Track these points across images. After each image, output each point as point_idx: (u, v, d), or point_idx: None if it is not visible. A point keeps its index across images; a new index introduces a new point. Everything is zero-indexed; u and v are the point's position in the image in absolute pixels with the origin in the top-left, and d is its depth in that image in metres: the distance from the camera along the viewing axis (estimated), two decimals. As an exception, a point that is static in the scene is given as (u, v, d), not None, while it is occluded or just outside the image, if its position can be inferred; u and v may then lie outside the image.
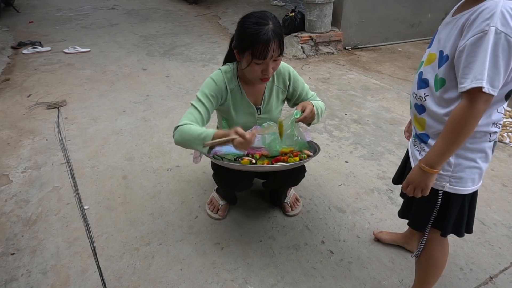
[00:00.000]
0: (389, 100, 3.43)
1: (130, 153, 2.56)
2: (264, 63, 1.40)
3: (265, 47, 1.35)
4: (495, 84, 0.95)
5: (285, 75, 1.68)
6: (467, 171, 1.15)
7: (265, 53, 1.36)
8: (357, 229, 1.89)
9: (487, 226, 1.92)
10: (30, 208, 2.05)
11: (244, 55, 1.42)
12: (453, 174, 1.16)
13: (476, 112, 0.99)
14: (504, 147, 2.66)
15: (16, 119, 3.05)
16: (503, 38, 0.92)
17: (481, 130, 1.10)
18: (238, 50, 1.45)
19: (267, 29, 1.35)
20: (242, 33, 1.39)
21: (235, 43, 1.46)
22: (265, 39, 1.34)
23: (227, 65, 1.62)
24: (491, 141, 1.13)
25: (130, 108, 3.24)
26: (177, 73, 4.11)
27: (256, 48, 1.35)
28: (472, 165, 1.14)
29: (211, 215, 1.96)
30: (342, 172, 2.35)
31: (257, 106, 1.67)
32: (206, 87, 1.56)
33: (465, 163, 1.14)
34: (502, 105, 1.09)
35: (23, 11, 7.15)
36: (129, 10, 7.48)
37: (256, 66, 1.41)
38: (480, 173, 1.17)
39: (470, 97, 0.98)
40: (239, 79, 1.61)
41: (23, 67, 4.29)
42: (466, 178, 1.15)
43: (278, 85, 1.68)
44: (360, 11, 4.82)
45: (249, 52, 1.38)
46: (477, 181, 1.18)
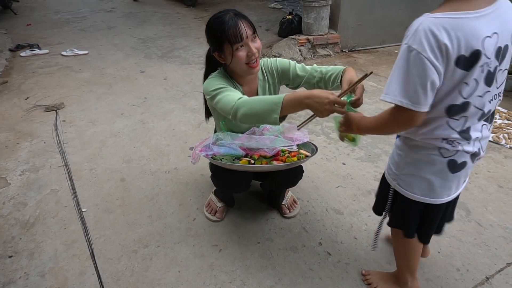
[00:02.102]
0: (386, 102, 3.44)
1: (128, 156, 2.57)
2: (244, 45, 1.42)
3: (236, 28, 1.39)
4: (416, 100, 0.97)
5: (271, 66, 1.69)
6: (414, 179, 1.19)
7: (240, 33, 1.39)
8: (354, 231, 1.90)
9: (483, 227, 1.93)
10: (28, 210, 2.05)
11: (224, 50, 1.44)
12: (401, 177, 1.23)
13: (396, 122, 1.06)
14: (500, 149, 2.68)
15: (14, 121, 3.05)
16: (414, 55, 0.93)
17: (427, 144, 1.12)
18: (216, 50, 1.47)
19: (229, 15, 1.41)
20: (212, 31, 1.44)
21: (212, 47, 1.51)
22: (233, 22, 1.39)
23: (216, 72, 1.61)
24: (445, 157, 1.12)
25: (128, 111, 3.25)
26: (175, 75, 4.12)
27: (230, 34, 1.38)
28: (419, 175, 1.18)
29: (209, 217, 1.97)
30: (340, 174, 2.36)
31: None
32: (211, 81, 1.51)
33: (412, 170, 1.19)
34: (449, 121, 1.07)
35: (21, 14, 7.16)
36: (127, 12, 7.50)
37: (239, 53, 1.42)
38: (430, 187, 1.18)
39: (395, 108, 1.04)
40: (234, 79, 1.61)
41: (21, 69, 4.29)
42: (413, 186, 1.21)
43: (268, 80, 1.69)
44: (357, 14, 4.85)
45: (226, 42, 1.41)
46: (427, 194, 1.20)
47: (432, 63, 0.92)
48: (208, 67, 1.66)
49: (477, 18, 0.92)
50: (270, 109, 1.23)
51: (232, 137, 1.63)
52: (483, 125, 1.12)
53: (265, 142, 1.59)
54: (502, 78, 1.07)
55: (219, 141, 1.59)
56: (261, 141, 1.59)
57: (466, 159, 1.14)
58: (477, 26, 0.92)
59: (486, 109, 1.07)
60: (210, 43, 1.51)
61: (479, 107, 1.05)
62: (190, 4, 8.09)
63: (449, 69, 0.95)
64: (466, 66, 0.95)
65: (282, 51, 4.73)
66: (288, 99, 1.20)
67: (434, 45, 0.91)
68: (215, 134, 1.67)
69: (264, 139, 1.60)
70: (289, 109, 1.22)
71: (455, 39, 0.91)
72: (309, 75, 1.62)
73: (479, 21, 0.92)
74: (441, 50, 0.91)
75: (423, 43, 0.92)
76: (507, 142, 2.75)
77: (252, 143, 1.57)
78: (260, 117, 1.26)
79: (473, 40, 0.92)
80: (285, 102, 1.20)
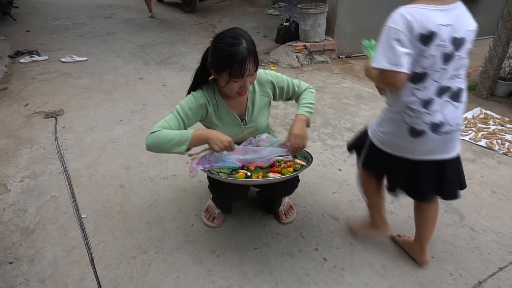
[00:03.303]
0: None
1: (127, 162, 2.60)
2: (241, 80, 1.46)
3: (241, 67, 1.41)
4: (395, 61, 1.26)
5: (268, 83, 1.72)
6: (386, 136, 1.50)
7: (243, 72, 1.42)
8: (350, 236, 1.93)
9: (476, 232, 1.97)
10: (28, 217, 2.07)
11: (221, 75, 1.47)
12: (378, 132, 1.54)
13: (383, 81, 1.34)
14: (494, 154, 2.72)
15: (13, 128, 3.08)
16: (389, 29, 1.27)
17: (397, 108, 1.42)
18: (215, 70, 1.49)
19: (242, 48, 1.40)
20: (218, 55, 1.43)
21: (211, 63, 1.50)
22: (241, 59, 1.40)
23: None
24: (406, 123, 1.40)
25: (127, 117, 3.28)
26: (174, 82, 4.16)
27: (234, 69, 1.41)
28: (390, 133, 1.48)
29: (207, 223, 2.00)
30: (336, 180, 2.40)
31: (242, 117, 1.71)
32: (185, 102, 1.59)
33: (386, 129, 1.50)
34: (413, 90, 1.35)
35: (20, 20, 7.20)
36: (125, 19, 7.55)
37: (234, 84, 1.47)
38: (397, 144, 1.48)
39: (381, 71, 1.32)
40: (220, 94, 1.64)
41: (21, 76, 4.32)
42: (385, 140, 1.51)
43: (261, 93, 1.72)
44: (353, 21, 4.91)
45: (227, 72, 1.43)
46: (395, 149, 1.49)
47: (403, 32, 1.25)
48: (195, 82, 1.65)
49: (436, 11, 1.27)
50: (179, 142, 1.46)
51: None
52: (446, 101, 1.36)
53: (261, 154, 1.62)
54: (460, 64, 1.35)
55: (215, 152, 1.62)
56: (258, 153, 1.62)
57: (425, 129, 1.38)
58: (435, 15, 1.26)
59: (444, 84, 1.34)
60: (211, 60, 1.49)
61: (436, 80, 1.33)
62: (189, 10, 8.16)
63: (415, 41, 1.26)
64: (424, 42, 1.26)
65: (280, 58, 4.79)
66: (195, 136, 1.47)
67: (403, 22, 1.25)
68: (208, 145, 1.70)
69: (261, 151, 1.63)
70: (195, 143, 1.49)
71: (418, 20, 1.24)
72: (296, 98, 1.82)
73: (437, 13, 1.27)
74: (407, 26, 1.25)
75: (395, 21, 1.26)
76: (500, 147, 2.79)
77: (248, 157, 1.61)
78: (167, 148, 1.47)
79: (430, 23, 1.25)
80: (192, 139, 1.47)
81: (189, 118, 1.59)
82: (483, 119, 3.23)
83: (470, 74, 4.42)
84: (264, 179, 1.54)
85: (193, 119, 1.61)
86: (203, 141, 1.50)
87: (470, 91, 3.88)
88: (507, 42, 3.47)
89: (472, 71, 4.53)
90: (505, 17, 3.41)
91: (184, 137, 1.46)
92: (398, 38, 1.25)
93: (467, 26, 1.33)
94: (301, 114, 1.69)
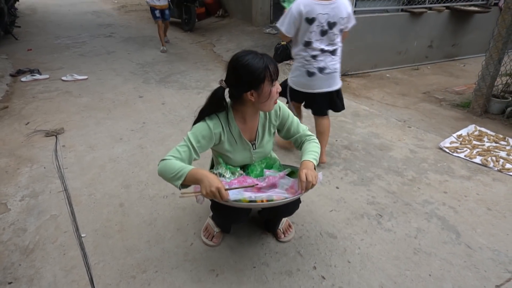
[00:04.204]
0: (378, 126, 3.55)
1: (126, 181, 2.62)
2: (276, 82, 1.58)
3: (276, 67, 1.54)
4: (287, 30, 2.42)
5: (276, 108, 1.76)
6: (295, 78, 2.61)
7: (277, 70, 1.55)
8: (347, 254, 1.95)
9: (473, 249, 1.99)
10: (28, 236, 2.08)
11: (262, 86, 1.51)
12: (291, 77, 2.64)
13: (281, 35, 2.50)
14: (488, 171, 2.76)
15: (14, 147, 3.11)
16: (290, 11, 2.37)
17: (298, 59, 2.54)
18: (253, 89, 1.52)
19: (261, 56, 1.52)
20: (250, 72, 1.48)
21: (246, 86, 1.51)
22: (270, 61, 1.52)
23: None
24: (304, 68, 2.51)
25: (126, 136, 3.32)
26: (173, 100, 4.22)
27: (272, 71, 1.51)
28: (296, 76, 2.59)
29: (206, 242, 2.02)
30: (333, 198, 2.42)
31: (252, 142, 1.76)
32: (199, 131, 1.61)
33: (294, 73, 2.61)
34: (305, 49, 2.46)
35: (22, 39, 7.31)
36: (125, 37, 7.68)
37: (273, 89, 1.56)
38: (302, 83, 2.58)
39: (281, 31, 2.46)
40: (234, 120, 1.68)
41: (22, 94, 4.38)
42: (296, 82, 2.62)
43: (270, 120, 1.78)
44: (348, 40, 4.98)
45: (267, 79, 1.51)
46: (301, 87, 2.60)
47: (296, 17, 2.35)
48: (209, 107, 1.64)
49: (318, 5, 2.31)
50: (177, 177, 1.50)
51: (231, 171, 1.70)
52: (326, 55, 2.46)
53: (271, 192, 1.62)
54: (333, 37, 2.43)
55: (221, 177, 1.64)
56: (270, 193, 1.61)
57: (315, 71, 2.49)
58: (317, 7, 2.32)
59: (322, 47, 2.43)
60: (246, 84, 1.51)
61: (317, 46, 2.43)
62: (188, 29, 8.31)
63: (302, 22, 2.35)
64: (309, 22, 2.34)
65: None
66: (190, 174, 1.49)
67: (297, 10, 2.33)
68: (215, 168, 1.74)
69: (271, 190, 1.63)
70: (189, 181, 1.51)
71: (306, 10, 2.31)
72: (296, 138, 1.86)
73: (318, 6, 2.31)
74: (299, 12, 2.33)
75: (293, 8, 2.34)
76: (495, 165, 2.83)
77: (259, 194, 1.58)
78: (168, 179, 1.54)
79: (313, 12, 2.32)
80: (188, 176, 1.49)
81: (202, 146, 1.62)
82: (477, 136, 3.29)
83: (464, 92, 4.51)
84: (268, 203, 1.54)
85: (206, 147, 1.65)
86: (196, 182, 1.50)
87: (465, 108, 3.96)
88: (498, 61, 3.56)
89: (466, 88, 4.62)
90: (495, 37, 3.51)
91: (181, 173, 1.49)
92: (294, 18, 2.37)
93: (340, 14, 2.37)
94: (308, 160, 1.65)
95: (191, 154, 1.59)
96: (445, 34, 5.75)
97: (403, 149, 3.10)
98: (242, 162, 1.78)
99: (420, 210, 2.31)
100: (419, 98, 4.33)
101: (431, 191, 2.52)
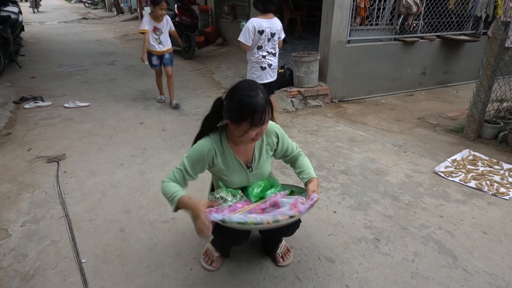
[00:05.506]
0: (374, 151, 3.63)
1: (127, 206, 2.65)
2: (259, 128, 1.58)
3: (262, 116, 1.53)
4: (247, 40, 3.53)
5: (274, 133, 1.82)
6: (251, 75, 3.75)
7: (262, 121, 1.55)
8: (346, 279, 1.97)
9: (469, 273, 2.01)
10: (28, 262, 2.10)
11: (241, 125, 1.55)
12: (250, 74, 3.79)
13: (242, 46, 3.63)
14: (483, 195, 2.81)
15: (16, 172, 3.15)
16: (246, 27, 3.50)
17: (252, 60, 3.69)
18: (234, 121, 1.57)
19: (260, 99, 1.52)
20: (238, 106, 1.53)
21: (229, 114, 1.59)
22: (261, 108, 1.52)
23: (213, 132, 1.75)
24: (258, 65, 3.68)
25: (127, 161, 3.38)
26: (173, 126, 4.30)
27: (255, 118, 1.51)
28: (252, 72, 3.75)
29: (206, 266, 2.03)
30: (331, 222, 2.46)
31: (248, 165, 1.81)
32: (191, 155, 1.73)
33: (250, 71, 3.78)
34: (258, 51, 3.61)
35: (26, 67, 7.48)
36: (127, 65, 7.86)
37: (252, 132, 1.57)
38: (257, 77, 3.70)
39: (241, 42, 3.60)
40: (227, 142, 1.73)
41: (24, 121, 4.46)
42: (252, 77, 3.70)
43: (267, 143, 1.82)
44: (344, 68, 5.19)
45: (247, 121, 1.52)
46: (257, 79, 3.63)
47: (251, 30, 3.48)
48: (203, 130, 1.75)
49: (264, 21, 3.51)
50: (171, 201, 1.67)
51: (232, 193, 1.74)
52: (271, 55, 3.68)
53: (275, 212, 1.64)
54: (274, 44, 3.66)
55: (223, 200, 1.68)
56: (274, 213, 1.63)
57: (266, 66, 3.68)
58: (263, 23, 3.50)
59: (269, 50, 3.64)
60: (230, 113, 1.58)
61: (266, 49, 3.63)
62: (188, 57, 8.53)
63: (256, 34, 3.49)
64: (260, 33, 3.50)
65: (275, 103, 4.98)
66: (180, 202, 1.64)
67: (252, 26, 3.47)
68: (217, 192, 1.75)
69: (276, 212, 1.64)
70: (182, 207, 1.65)
71: (257, 25, 3.47)
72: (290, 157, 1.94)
73: (264, 22, 3.50)
74: (253, 27, 3.48)
75: (248, 26, 3.48)
76: (490, 189, 2.89)
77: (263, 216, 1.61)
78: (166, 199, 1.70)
79: (262, 26, 3.49)
80: (179, 203, 1.65)
81: (196, 170, 1.74)
82: (472, 161, 3.36)
83: (458, 117, 4.61)
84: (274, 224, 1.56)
85: (199, 169, 1.76)
86: (185, 209, 1.64)
87: (458, 133, 4.05)
88: (488, 87, 3.69)
89: (459, 114, 4.74)
90: (485, 65, 3.65)
91: (173, 199, 1.65)
92: (249, 31, 3.46)
93: (277, 28, 3.57)
94: (314, 177, 1.83)
95: (185, 177, 1.74)
96: (437, 61, 5.95)
97: (399, 173, 3.15)
98: (240, 183, 1.82)
99: (417, 234, 2.35)
100: (414, 124, 4.44)
101: (427, 215, 2.55)
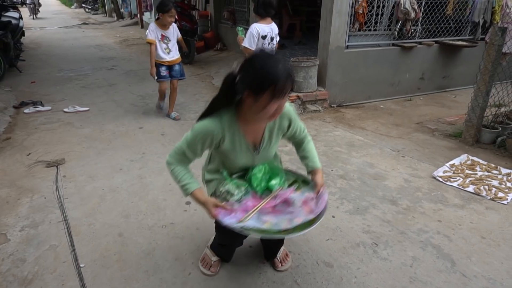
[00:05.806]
0: (373, 155, 3.64)
1: (126, 211, 2.66)
2: (281, 101, 1.39)
3: (285, 85, 1.34)
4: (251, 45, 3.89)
5: (287, 117, 1.67)
6: None
7: (285, 91, 1.36)
8: (344, 284, 1.97)
9: (468, 278, 2.02)
10: (27, 267, 2.10)
11: (261, 96, 1.35)
12: None
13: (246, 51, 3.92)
14: (481, 200, 2.82)
15: (15, 177, 3.15)
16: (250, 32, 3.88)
17: None
18: (253, 92, 1.37)
19: (282, 66, 1.34)
20: (260, 74, 1.33)
21: (248, 85, 1.38)
22: (285, 76, 1.34)
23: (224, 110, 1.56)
24: None
25: (126, 166, 3.38)
26: (172, 131, 4.32)
27: (278, 88, 1.33)
28: None
29: (204, 271, 2.03)
30: (329, 227, 2.46)
31: (256, 146, 1.68)
32: (196, 133, 1.56)
33: None
34: None
35: (26, 72, 7.50)
36: (127, 70, 7.89)
37: (272, 105, 1.38)
38: None
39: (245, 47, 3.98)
40: (238, 122, 1.57)
41: (24, 126, 4.47)
42: None
43: (279, 127, 1.67)
44: (342, 73, 5.21)
45: (269, 92, 1.33)
46: None
47: (254, 34, 3.86)
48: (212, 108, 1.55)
49: (265, 26, 3.91)
50: (183, 191, 1.67)
51: (237, 185, 1.66)
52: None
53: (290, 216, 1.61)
54: (273, 46, 4.02)
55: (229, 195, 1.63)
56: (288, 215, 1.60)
57: None
58: (264, 28, 3.90)
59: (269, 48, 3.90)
60: (248, 84, 1.38)
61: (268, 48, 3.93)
62: (187, 62, 8.56)
63: (259, 38, 3.88)
64: (263, 38, 3.91)
65: None
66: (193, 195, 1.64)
67: (256, 30, 3.86)
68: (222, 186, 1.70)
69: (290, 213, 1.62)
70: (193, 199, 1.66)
71: (260, 30, 3.87)
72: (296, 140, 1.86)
73: (265, 27, 3.91)
74: (256, 32, 3.86)
75: (252, 30, 3.87)
76: (488, 193, 2.90)
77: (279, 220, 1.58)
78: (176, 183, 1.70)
79: (264, 31, 3.90)
80: (192, 195, 1.65)
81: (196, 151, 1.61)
82: (470, 166, 3.37)
83: (456, 122, 4.63)
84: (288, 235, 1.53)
85: (204, 148, 1.62)
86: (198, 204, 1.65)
87: (457, 138, 4.07)
88: (486, 93, 3.71)
89: (458, 119, 4.76)
90: (482, 70, 3.68)
91: (186, 191, 1.66)
92: (253, 37, 3.83)
93: (275, 32, 3.99)
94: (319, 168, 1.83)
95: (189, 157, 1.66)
96: (435, 66, 5.98)
97: (398, 178, 3.16)
98: (243, 164, 1.72)
99: (415, 238, 2.35)
100: (412, 128, 4.45)
101: (426, 219, 2.56)
